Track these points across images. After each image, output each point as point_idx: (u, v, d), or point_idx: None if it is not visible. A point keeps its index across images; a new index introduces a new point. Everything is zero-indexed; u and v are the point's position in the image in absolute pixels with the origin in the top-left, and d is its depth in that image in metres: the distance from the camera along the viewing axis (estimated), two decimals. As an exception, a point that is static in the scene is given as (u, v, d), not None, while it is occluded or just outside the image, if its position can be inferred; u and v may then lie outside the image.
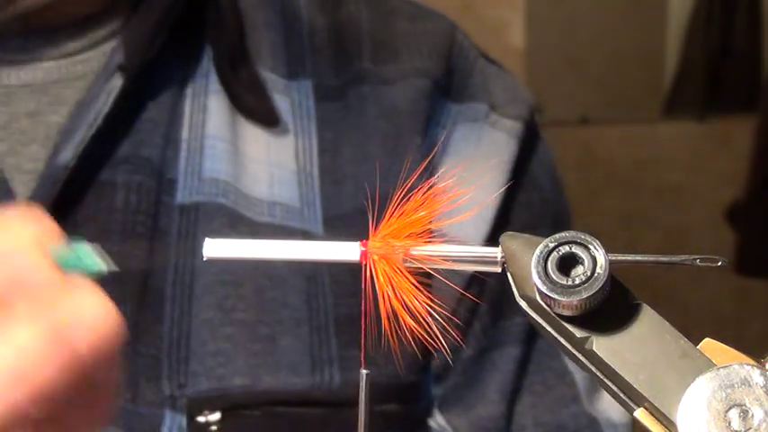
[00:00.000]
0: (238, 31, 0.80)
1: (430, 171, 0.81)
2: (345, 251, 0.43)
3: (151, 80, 0.78)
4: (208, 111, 0.79)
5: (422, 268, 0.42)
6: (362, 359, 0.45)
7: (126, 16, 0.78)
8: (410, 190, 0.44)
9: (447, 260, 0.42)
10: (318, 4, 0.86)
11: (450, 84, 0.85)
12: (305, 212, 0.78)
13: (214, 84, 0.80)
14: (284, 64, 0.82)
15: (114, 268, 0.46)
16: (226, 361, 0.74)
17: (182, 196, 0.76)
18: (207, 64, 0.80)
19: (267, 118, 0.79)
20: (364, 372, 0.45)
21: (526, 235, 0.42)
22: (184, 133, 0.78)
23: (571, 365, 0.83)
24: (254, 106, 0.79)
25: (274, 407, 0.74)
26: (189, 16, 0.79)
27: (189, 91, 0.79)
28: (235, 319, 0.75)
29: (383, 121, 0.82)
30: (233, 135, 0.79)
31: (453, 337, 0.43)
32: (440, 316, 0.43)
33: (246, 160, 0.79)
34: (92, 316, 0.45)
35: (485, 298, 0.81)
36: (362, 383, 0.44)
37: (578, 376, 0.83)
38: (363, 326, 0.44)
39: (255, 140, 0.79)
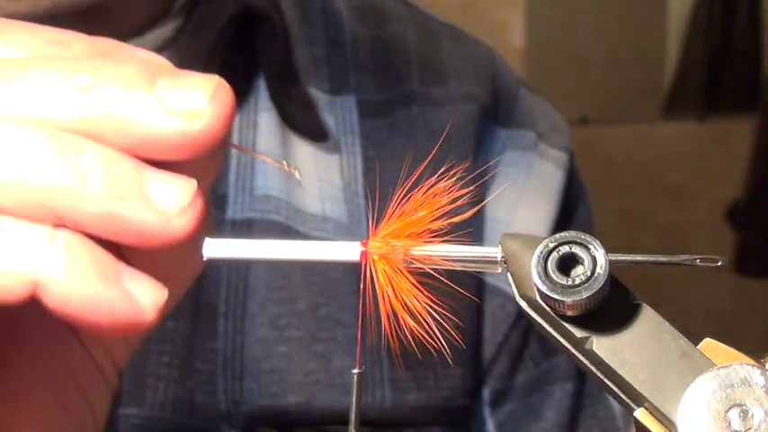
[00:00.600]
0: (287, 47, 0.80)
1: (479, 195, 0.82)
2: (345, 251, 0.43)
3: None
4: (258, 127, 0.79)
5: (422, 268, 0.42)
6: (357, 358, 0.45)
7: (176, 28, 0.77)
8: (410, 190, 0.44)
9: (447, 260, 0.42)
10: (360, 19, 0.86)
11: (497, 108, 0.86)
12: (353, 229, 0.78)
13: (264, 100, 0.79)
14: (327, 80, 0.82)
15: None
16: (280, 379, 0.74)
17: (233, 212, 0.76)
18: (255, 80, 0.80)
19: (317, 133, 0.79)
20: (355, 371, 0.45)
21: (526, 234, 0.42)
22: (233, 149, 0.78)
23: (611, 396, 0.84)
24: (304, 121, 0.79)
25: (327, 425, 0.74)
26: (241, 34, 0.78)
27: (237, 107, 0.79)
28: (289, 337, 0.75)
29: (433, 144, 0.82)
30: (284, 151, 0.79)
31: (454, 337, 0.42)
32: (440, 317, 0.42)
33: (299, 176, 0.78)
34: None
35: (534, 329, 0.82)
36: (354, 383, 0.44)
37: (617, 408, 0.84)
38: (360, 325, 0.44)
39: (305, 156, 0.79)
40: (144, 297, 0.41)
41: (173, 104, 0.40)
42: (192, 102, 0.40)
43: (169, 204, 0.40)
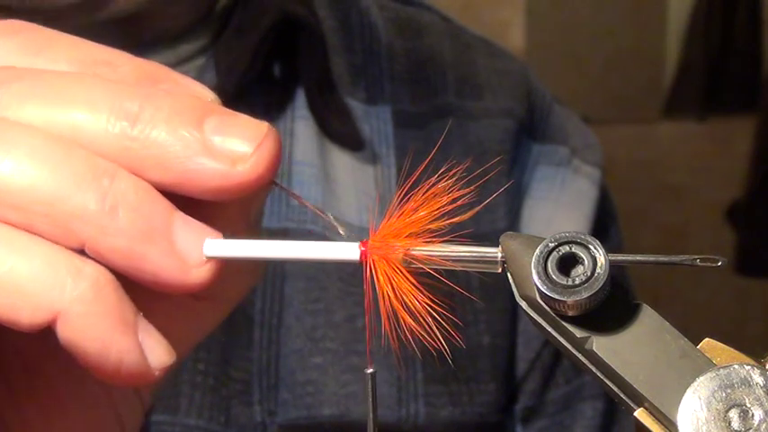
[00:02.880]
0: (325, 56, 0.79)
1: (513, 210, 0.82)
2: (345, 251, 0.43)
3: (239, 103, 0.76)
4: (295, 136, 0.78)
5: (422, 268, 0.42)
6: (368, 357, 0.45)
7: (213, 34, 0.77)
8: (410, 190, 0.44)
9: (447, 260, 0.42)
10: (396, 30, 0.86)
11: (531, 123, 0.86)
12: None
13: (300, 109, 0.79)
14: (363, 89, 0.82)
15: None
16: (315, 390, 0.74)
17: (269, 221, 0.75)
18: (293, 89, 0.79)
19: (355, 142, 0.79)
20: (370, 371, 0.45)
21: (526, 234, 0.42)
22: None
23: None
24: (341, 130, 0.78)
25: None
26: (280, 42, 0.78)
27: (274, 115, 0.78)
28: (324, 349, 0.75)
29: (468, 158, 0.82)
30: (321, 160, 0.78)
31: (454, 337, 0.42)
32: (440, 316, 0.42)
33: (336, 185, 0.78)
34: None
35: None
36: (369, 383, 0.44)
37: None
38: (367, 324, 0.44)
39: (342, 165, 0.79)
40: (153, 356, 0.40)
41: (218, 146, 0.39)
42: (238, 146, 0.39)
43: (191, 254, 0.40)
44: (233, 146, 0.39)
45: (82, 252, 0.39)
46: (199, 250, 0.40)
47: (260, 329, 0.74)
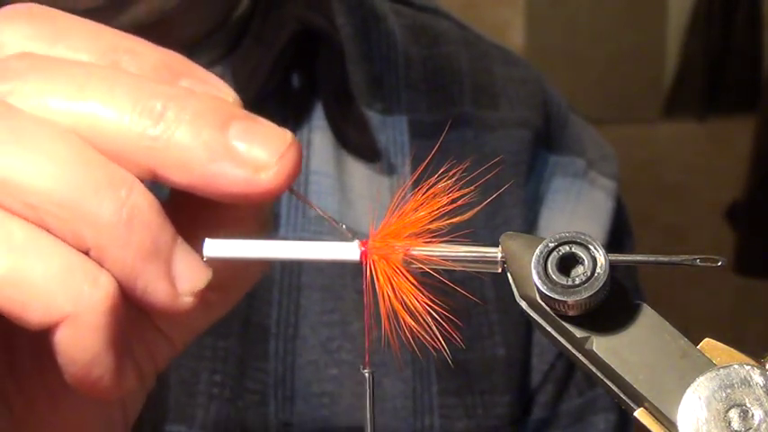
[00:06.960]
0: (344, 67, 0.78)
1: (529, 222, 0.82)
2: (345, 251, 0.43)
3: (256, 113, 0.76)
4: (312, 146, 0.78)
5: (422, 268, 0.42)
6: (366, 358, 0.45)
7: (229, 43, 0.76)
8: (410, 190, 0.44)
9: (447, 260, 0.42)
10: (413, 38, 0.85)
11: (548, 133, 0.86)
12: None
13: (317, 119, 0.78)
14: (379, 99, 0.81)
15: None
16: (330, 402, 0.74)
17: (285, 231, 0.75)
18: (311, 99, 0.79)
19: (371, 153, 0.78)
20: (367, 372, 0.45)
21: (526, 235, 0.42)
22: None
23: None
24: (358, 142, 0.78)
25: None
26: (299, 52, 0.77)
27: (291, 125, 0.77)
28: (340, 360, 0.75)
29: (483, 168, 0.81)
30: (338, 171, 0.78)
31: (454, 337, 0.42)
32: (440, 316, 0.42)
33: (353, 196, 0.78)
34: None
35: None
36: (368, 384, 0.44)
37: None
38: (366, 322, 0.44)
39: (358, 176, 0.79)
40: (128, 381, 0.41)
41: (242, 153, 0.39)
42: (262, 155, 0.39)
43: (183, 282, 0.40)
44: (257, 154, 0.39)
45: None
46: (190, 280, 0.40)
47: (275, 341, 0.74)
